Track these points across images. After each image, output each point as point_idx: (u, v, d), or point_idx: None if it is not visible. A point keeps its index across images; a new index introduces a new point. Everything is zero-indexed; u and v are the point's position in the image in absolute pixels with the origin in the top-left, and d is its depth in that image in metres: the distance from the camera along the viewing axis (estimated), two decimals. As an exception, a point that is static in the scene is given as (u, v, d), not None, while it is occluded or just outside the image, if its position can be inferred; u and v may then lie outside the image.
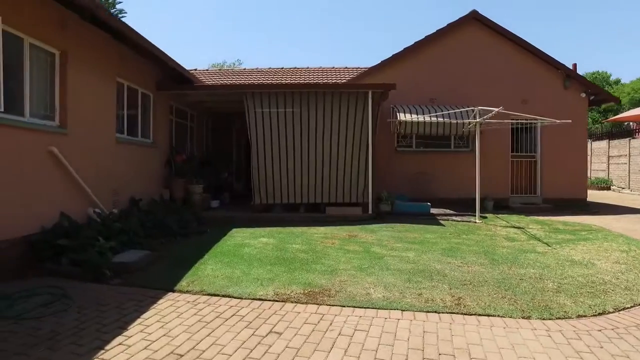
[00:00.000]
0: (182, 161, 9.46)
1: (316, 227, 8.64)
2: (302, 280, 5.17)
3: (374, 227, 8.62)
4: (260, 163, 9.29)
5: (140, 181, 8.39)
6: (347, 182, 9.46)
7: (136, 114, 8.51)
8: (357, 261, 6.10)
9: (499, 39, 12.48)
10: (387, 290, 4.86)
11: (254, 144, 9.27)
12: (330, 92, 9.36)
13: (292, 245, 7.03)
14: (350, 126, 9.40)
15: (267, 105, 9.26)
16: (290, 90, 9.29)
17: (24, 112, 5.26)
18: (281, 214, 9.32)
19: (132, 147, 8.08)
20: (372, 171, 9.48)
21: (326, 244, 7.13)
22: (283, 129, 9.29)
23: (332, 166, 9.41)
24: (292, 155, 9.32)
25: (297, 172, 9.35)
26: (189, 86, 9.61)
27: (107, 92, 7.14)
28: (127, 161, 7.84)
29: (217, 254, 6.36)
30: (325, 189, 9.42)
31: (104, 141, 7.00)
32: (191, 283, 5.02)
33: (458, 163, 12.52)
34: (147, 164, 8.78)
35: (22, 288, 4.63)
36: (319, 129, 9.36)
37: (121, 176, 7.55)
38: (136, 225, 6.54)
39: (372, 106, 9.39)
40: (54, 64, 5.89)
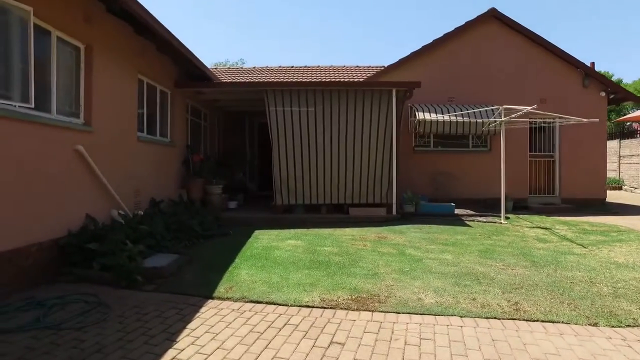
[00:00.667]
0: (199, 161, 9.17)
1: (341, 228, 8.39)
2: (346, 285, 4.92)
3: (402, 229, 8.37)
4: (282, 163, 9.02)
5: (159, 181, 8.11)
6: (370, 182, 9.21)
7: (154, 112, 8.22)
8: (396, 264, 5.86)
9: (518, 37, 12.28)
10: (438, 294, 4.62)
11: (275, 144, 9.01)
12: (354, 90, 9.11)
13: (323, 247, 6.77)
14: (374, 125, 9.15)
15: (288, 103, 8.99)
16: (312, 88, 9.03)
17: (50, 109, 4.98)
18: (303, 215, 9.06)
19: (151, 146, 7.80)
20: (397, 171, 9.23)
21: (358, 246, 6.88)
22: (305, 128, 9.03)
23: (356, 166, 9.16)
24: (315, 155, 9.06)
25: (320, 172, 9.09)
26: (208, 83, 9.33)
27: (129, 89, 6.85)
28: (147, 161, 7.56)
29: (248, 258, 6.09)
30: (348, 190, 9.16)
31: (126, 140, 6.71)
32: (229, 289, 4.75)
33: (476, 163, 12.31)
34: (166, 163, 8.49)
35: (54, 295, 4.35)
36: (341, 128, 9.10)
37: (142, 176, 7.27)
38: (162, 227, 6.26)
39: (397, 104, 9.14)
40: (79, 59, 5.61)
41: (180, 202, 8.14)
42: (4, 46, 4.21)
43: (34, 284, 4.53)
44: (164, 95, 8.65)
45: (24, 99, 4.41)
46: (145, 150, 7.48)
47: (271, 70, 15.40)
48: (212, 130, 12.32)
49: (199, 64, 8.43)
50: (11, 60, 4.30)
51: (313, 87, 9.01)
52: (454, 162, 12.26)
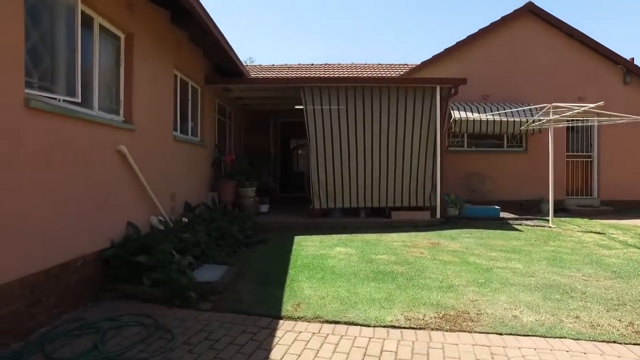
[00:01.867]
0: (231, 162, 8.62)
1: (386, 233, 7.85)
2: (425, 300, 4.39)
3: (451, 234, 7.82)
4: (320, 164, 8.48)
5: (192, 184, 7.57)
6: (413, 184, 8.66)
7: (186, 110, 7.69)
8: (466, 274, 5.33)
9: (555, 33, 11.75)
10: (534, 311, 4.09)
11: (312, 145, 8.46)
12: (396, 87, 8.57)
13: (378, 255, 6.23)
14: (416, 124, 8.61)
15: (326, 101, 8.45)
16: (352, 84, 8.49)
17: (92, 105, 4.44)
18: (341, 220, 8.51)
19: (185, 147, 7.26)
20: (441, 173, 8.69)
21: (414, 254, 6.34)
22: (344, 127, 8.49)
23: (397, 168, 8.61)
24: (355, 156, 8.52)
25: (360, 174, 8.55)
26: (241, 79, 8.76)
27: (166, 84, 6.31)
28: (182, 162, 7.02)
29: (302, 268, 5.55)
30: (390, 193, 8.62)
31: (163, 139, 6.17)
32: (297, 307, 4.21)
33: (511, 163, 11.78)
34: (197, 165, 7.95)
35: (104, 315, 3.80)
36: (383, 128, 8.56)
37: (177, 179, 6.72)
38: (205, 236, 5.71)
39: (440, 102, 8.61)
40: (119, 50, 5.07)
41: (216, 207, 7.58)
42: (49, 33, 3.67)
43: (79, 302, 3.98)
44: (194, 92, 8.12)
45: (69, 92, 3.87)
46: (180, 150, 6.94)
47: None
48: (236, 129, 11.78)
49: (234, 56, 7.88)
50: (56, 50, 3.76)
51: (353, 84, 8.47)
52: (488, 163, 11.72)
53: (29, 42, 3.33)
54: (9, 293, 3.05)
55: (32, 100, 3.25)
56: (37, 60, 3.53)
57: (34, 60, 3.48)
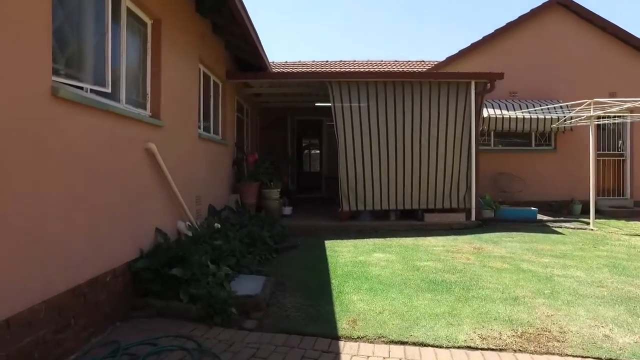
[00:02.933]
0: (254, 161, 8.13)
1: (422, 237, 7.34)
2: (494, 315, 3.90)
3: (491, 237, 7.31)
4: (349, 164, 7.97)
5: (216, 186, 7.08)
6: (447, 185, 8.16)
7: (208, 106, 7.20)
8: (526, 283, 4.85)
9: (586, 26, 11.21)
10: (627, 330, 3.61)
11: (341, 144, 7.96)
12: (428, 83, 8.06)
13: (422, 262, 5.73)
14: (450, 122, 8.11)
15: (355, 97, 7.95)
16: (382, 79, 7.99)
17: (119, 97, 3.94)
18: (371, 223, 8.01)
19: (209, 146, 6.77)
20: (476, 172, 8.18)
21: (460, 260, 5.84)
22: (375, 126, 7.99)
23: (431, 168, 8.11)
24: (386, 156, 8.02)
25: (391, 174, 8.05)
26: (264, 74, 8.25)
27: (191, 77, 5.82)
28: (206, 162, 6.53)
29: (344, 277, 5.06)
30: (422, 194, 8.11)
31: (189, 137, 5.68)
32: (354, 324, 3.71)
33: (540, 163, 11.26)
34: (220, 165, 7.46)
35: (139, 338, 3.31)
36: (415, 125, 8.06)
37: (202, 180, 6.24)
38: (238, 242, 5.22)
39: (475, 98, 8.10)
40: (146, 37, 4.58)
41: (242, 210, 7.08)
42: (76, 13, 3.18)
43: (108, 322, 3.49)
44: (216, 88, 7.63)
45: (98, 81, 3.39)
46: (205, 149, 6.45)
47: (329, 64, 14.20)
48: (253, 128, 11.30)
49: (260, 47, 7.36)
50: (84, 32, 3.27)
51: (383, 79, 7.97)
52: (516, 162, 11.19)
53: (55, 21, 2.84)
54: (32, 318, 2.56)
55: (60, 89, 2.76)
56: (63, 44, 3.04)
57: (60, 43, 2.99)
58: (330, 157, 13.45)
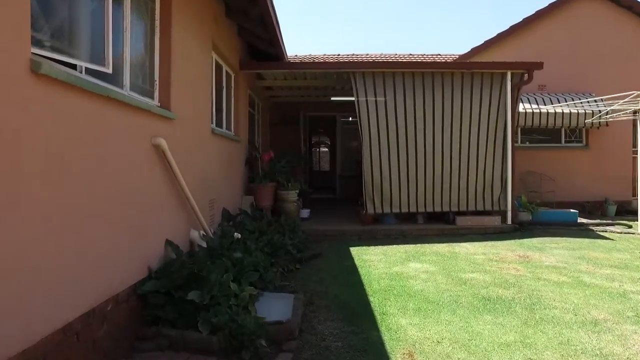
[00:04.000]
0: (269, 160, 7.43)
1: (457, 243, 6.64)
2: (580, 347, 3.24)
3: (534, 244, 6.60)
4: (374, 163, 7.26)
5: (230, 187, 6.39)
6: (480, 185, 7.45)
7: (221, 99, 6.50)
8: (598, 302, 4.17)
9: (625, 14, 10.46)
10: None
11: (365, 140, 7.25)
12: (460, 73, 7.34)
13: (466, 274, 5.03)
14: (484, 116, 7.39)
15: (380, 90, 7.23)
16: (410, 70, 7.27)
17: (122, 82, 3.24)
18: (398, 226, 7.31)
19: (223, 142, 6.08)
20: (512, 171, 7.46)
21: (508, 271, 5.13)
22: (402, 121, 7.28)
23: (462, 166, 7.40)
24: (414, 153, 7.31)
25: (420, 174, 7.34)
26: (281, 64, 7.52)
27: (204, 65, 5.13)
28: (220, 161, 5.85)
29: (383, 293, 4.38)
30: (453, 195, 7.41)
31: (201, 132, 4.99)
32: (410, 358, 3.02)
33: (571, 161, 10.55)
34: (234, 164, 6.77)
35: (149, 386, 2.62)
36: (446, 120, 7.34)
37: (216, 181, 5.55)
38: (260, 253, 4.53)
39: (511, 90, 7.38)
40: (154, 13, 3.88)
41: (260, 215, 6.37)
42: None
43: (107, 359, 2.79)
44: (228, 79, 6.93)
45: (95, 58, 2.68)
46: (218, 147, 5.77)
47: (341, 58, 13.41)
48: (263, 123, 10.60)
49: (279, 34, 6.62)
50: None
51: (411, 69, 7.25)
52: (545, 160, 10.46)
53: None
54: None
55: (43, 64, 2.06)
56: (48, 7, 2.34)
57: (44, 5, 2.29)
58: (345, 156, 12.75)
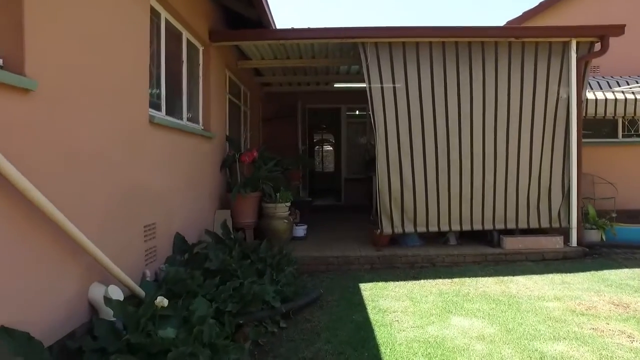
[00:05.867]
0: (252, 162, 5.59)
1: (508, 275, 4.76)
2: None
3: (624, 279, 4.63)
4: (392, 167, 5.39)
5: (188, 201, 4.57)
6: (533, 194, 5.56)
7: (179, 79, 4.68)
8: None
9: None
10: None
11: (380, 138, 5.38)
12: (507, 44, 5.43)
13: (547, 344, 3.15)
14: (539, 102, 5.50)
15: (400, 67, 5.35)
16: (438, 39, 5.37)
17: None
18: (424, 250, 5.44)
19: (178, 138, 4.26)
20: (578, 175, 5.57)
21: (613, 338, 3.24)
22: (429, 109, 5.40)
23: (510, 169, 5.52)
24: (446, 154, 5.43)
25: (454, 181, 5.45)
26: (265, 32, 5.62)
27: (129, 14, 3.28)
28: (169, 164, 4.02)
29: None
30: (499, 207, 5.52)
31: (123, 120, 3.16)
32: None
33: (630, 159, 8.60)
34: (200, 168, 4.95)
35: None
36: (488, 108, 5.46)
37: (159, 195, 3.73)
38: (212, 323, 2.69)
39: (577, 65, 5.49)
40: None
41: (231, 239, 4.51)
42: None
43: None
44: (193, 52, 5.11)
45: None
46: (166, 144, 3.94)
47: None
48: (254, 118, 8.77)
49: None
50: None
51: (440, 37, 5.35)
52: (598, 159, 8.47)
53: None
54: None
55: None
56: None
57: None
58: (352, 155, 10.89)
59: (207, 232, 4.72)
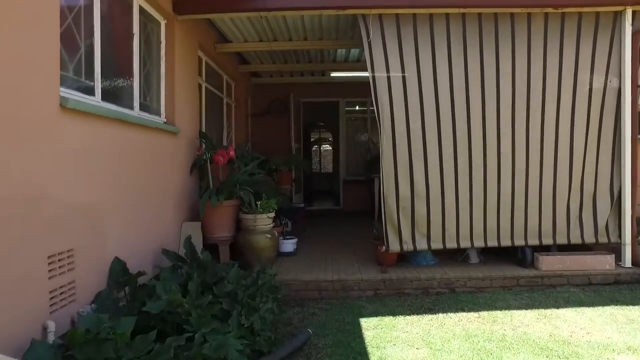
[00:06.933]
0: (228, 161, 4.53)
1: (552, 309, 3.72)
2: None
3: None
4: (401, 172, 4.33)
5: (139, 213, 3.54)
6: (574, 200, 4.52)
7: (126, 54, 3.65)
8: None
9: None
10: None
11: (386, 135, 4.32)
12: (542, 15, 4.39)
13: None
14: (581, 87, 4.46)
15: (410, 46, 4.32)
16: (459, 8, 4.32)
17: None
18: (441, 272, 4.39)
19: (116, 131, 3.21)
20: (633, 178, 4.51)
21: None
22: (446, 99, 4.35)
23: (546, 170, 4.48)
24: (467, 154, 4.39)
25: (477, 187, 4.40)
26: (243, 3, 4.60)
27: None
28: (102, 165, 2.98)
29: None
30: (532, 218, 4.47)
31: (10, 103, 2.11)
32: None
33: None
34: (158, 169, 3.92)
35: None
36: (518, 96, 4.41)
37: (83, 209, 2.71)
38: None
39: (633, 41, 4.44)
40: None
41: (197, 264, 3.44)
42: None
43: None
44: (153, 27, 4.08)
45: None
46: (94, 137, 2.90)
47: None
48: (240, 112, 7.73)
49: None
50: None
51: (459, 7, 4.31)
52: None
53: None
54: None
55: None
56: None
57: None
58: (352, 154, 9.84)
59: (164, 253, 3.69)
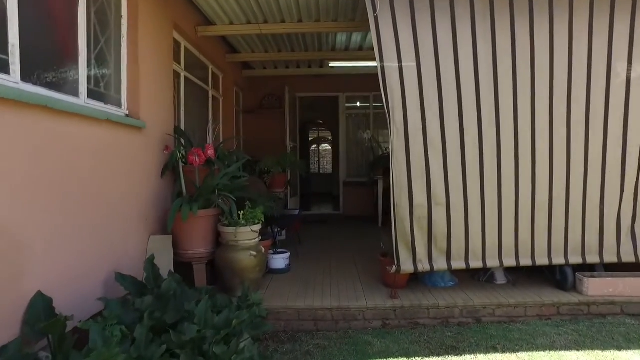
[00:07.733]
0: (204, 162, 3.74)
1: (610, 350, 2.95)
2: None
3: None
4: (416, 176, 3.55)
5: (79, 230, 2.76)
6: (626, 210, 3.75)
7: (67, 25, 2.87)
8: None
9: None
10: None
11: (398, 134, 3.54)
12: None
13: None
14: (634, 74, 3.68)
15: (426, 17, 3.55)
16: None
17: None
18: (464, 297, 3.62)
19: (47, 124, 2.43)
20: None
21: None
22: (470, 89, 3.57)
23: (591, 172, 3.71)
24: (495, 154, 3.61)
25: (507, 193, 3.61)
26: None
27: None
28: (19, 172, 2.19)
29: None
30: (574, 230, 3.69)
31: None
32: None
33: None
34: (115, 172, 3.14)
35: None
36: (558, 84, 3.63)
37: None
38: None
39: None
40: None
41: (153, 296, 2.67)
42: None
43: None
44: None
45: None
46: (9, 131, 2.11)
47: None
48: (229, 108, 6.94)
49: None
50: None
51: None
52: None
53: None
54: None
55: None
56: None
57: None
58: (353, 153, 9.06)
59: (119, 279, 2.91)
